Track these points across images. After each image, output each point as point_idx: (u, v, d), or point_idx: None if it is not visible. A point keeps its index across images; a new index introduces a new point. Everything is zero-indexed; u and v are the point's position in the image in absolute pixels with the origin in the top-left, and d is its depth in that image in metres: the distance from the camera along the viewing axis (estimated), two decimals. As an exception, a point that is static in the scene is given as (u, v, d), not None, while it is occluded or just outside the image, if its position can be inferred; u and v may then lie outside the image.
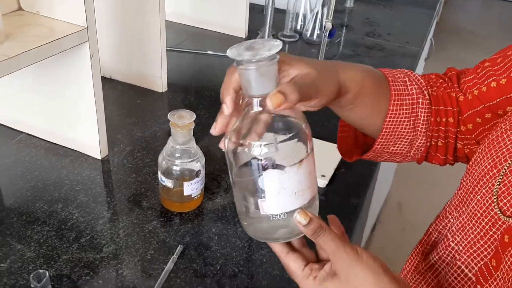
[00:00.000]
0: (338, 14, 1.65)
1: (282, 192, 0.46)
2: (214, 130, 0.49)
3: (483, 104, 0.57)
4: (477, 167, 0.52)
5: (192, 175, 0.74)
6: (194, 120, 0.70)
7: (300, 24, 1.49)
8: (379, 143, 0.60)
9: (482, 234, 0.49)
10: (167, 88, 1.11)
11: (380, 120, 0.59)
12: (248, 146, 0.45)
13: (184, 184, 0.73)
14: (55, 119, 0.87)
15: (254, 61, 0.43)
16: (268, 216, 0.47)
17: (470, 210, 0.51)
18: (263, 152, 0.45)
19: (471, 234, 0.51)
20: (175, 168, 0.73)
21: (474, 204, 0.51)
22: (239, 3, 1.38)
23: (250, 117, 0.46)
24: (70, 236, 0.71)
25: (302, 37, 1.45)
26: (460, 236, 0.52)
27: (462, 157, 0.63)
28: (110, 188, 0.82)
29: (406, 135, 0.60)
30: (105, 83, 0.87)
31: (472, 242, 0.50)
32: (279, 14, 1.47)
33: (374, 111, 0.59)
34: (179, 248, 0.69)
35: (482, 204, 0.49)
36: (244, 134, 0.46)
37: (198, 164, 0.74)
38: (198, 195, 0.76)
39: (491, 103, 0.56)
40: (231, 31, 1.42)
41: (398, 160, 0.64)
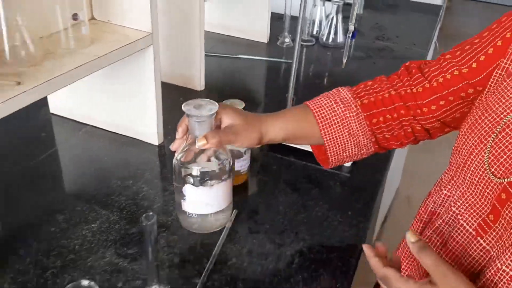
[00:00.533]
0: (347, 20, 1.80)
1: (196, 200, 0.75)
2: (172, 147, 0.74)
3: (447, 90, 0.70)
4: (464, 146, 0.64)
5: (240, 154, 0.89)
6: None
7: (316, 30, 1.64)
8: (331, 156, 0.75)
9: (480, 196, 0.61)
10: (204, 87, 1.26)
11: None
12: (184, 167, 0.73)
13: (235, 160, 0.88)
14: (119, 113, 1.02)
15: (195, 117, 0.69)
16: (185, 212, 0.77)
17: (467, 180, 0.63)
18: (189, 173, 0.73)
19: (471, 198, 0.62)
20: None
21: (469, 174, 0.62)
22: (261, 12, 1.53)
23: (192, 148, 0.71)
24: (144, 204, 0.86)
25: (319, 41, 1.60)
26: (460, 201, 0.64)
27: (423, 135, 0.76)
28: (168, 168, 0.96)
29: (348, 143, 0.74)
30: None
31: (472, 204, 0.62)
32: (296, 21, 1.62)
33: (314, 140, 0.76)
34: (234, 212, 0.84)
35: (476, 173, 0.61)
36: (186, 159, 0.73)
37: (246, 145, 0.88)
38: (245, 171, 0.91)
39: (454, 88, 0.69)
40: (254, 37, 1.58)
41: (357, 158, 0.78)
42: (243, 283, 0.72)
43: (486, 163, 0.59)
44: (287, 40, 1.58)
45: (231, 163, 0.76)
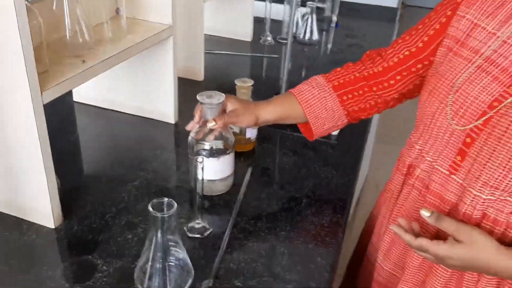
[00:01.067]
0: (319, 22, 2.03)
1: (207, 169, 0.87)
2: (188, 127, 0.92)
3: (401, 67, 0.89)
4: (428, 109, 0.82)
5: (249, 124, 1.08)
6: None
7: (294, 30, 1.85)
8: (315, 129, 0.94)
9: (447, 143, 0.79)
10: (203, 78, 1.45)
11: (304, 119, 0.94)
12: (198, 143, 0.91)
13: (246, 129, 1.07)
14: (140, 97, 1.18)
15: (207, 104, 0.88)
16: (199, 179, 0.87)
17: (434, 134, 0.81)
18: (201, 148, 0.92)
19: (440, 147, 0.81)
20: (239, 119, 1.06)
21: (436, 129, 0.80)
22: (245, 15, 1.74)
23: (203, 129, 0.90)
24: (171, 169, 1.03)
25: (296, 39, 1.82)
26: (432, 151, 0.82)
27: (383, 106, 0.95)
28: (184, 143, 1.14)
29: (327, 118, 0.93)
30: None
31: (442, 151, 0.80)
32: (276, 23, 1.84)
33: (299, 119, 0.94)
34: (250, 169, 1.03)
35: (442, 127, 0.79)
36: (198, 136, 0.92)
37: (254, 116, 1.07)
38: (254, 139, 1.10)
39: (406, 65, 0.89)
40: (239, 36, 1.78)
41: (335, 129, 0.97)
42: (265, 218, 0.91)
43: (449, 118, 0.77)
44: (268, 38, 1.79)
45: (234, 142, 0.95)
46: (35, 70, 0.71)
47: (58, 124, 1.15)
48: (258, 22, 1.83)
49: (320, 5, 2.02)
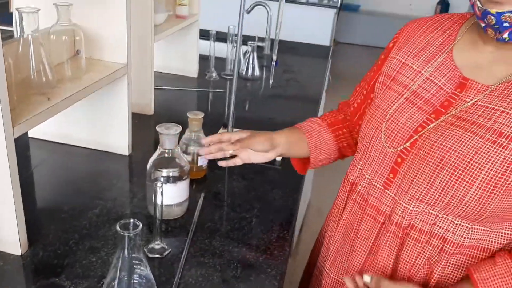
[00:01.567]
0: (260, 59, 2.19)
1: (165, 194, 0.94)
2: (206, 143, 1.02)
3: (358, 112, 1.06)
4: (366, 134, 0.97)
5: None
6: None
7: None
8: (312, 157, 1.08)
9: (381, 163, 0.92)
10: (153, 112, 1.54)
11: (308, 151, 1.08)
12: (156, 170, 1.00)
13: (199, 158, 1.16)
14: (95, 130, 1.25)
15: (165, 135, 0.98)
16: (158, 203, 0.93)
17: (372, 155, 0.95)
18: (159, 176, 1.01)
19: (376, 166, 0.94)
20: (191, 148, 1.16)
21: (373, 151, 0.94)
22: (191, 53, 1.86)
23: (161, 157, 1.01)
24: (128, 197, 1.10)
25: (239, 75, 1.96)
26: (370, 170, 0.95)
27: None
28: (138, 173, 1.22)
29: (323, 149, 1.08)
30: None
31: (378, 170, 0.94)
32: (220, 60, 1.98)
33: (302, 151, 1.08)
34: (202, 194, 1.12)
35: (377, 149, 0.93)
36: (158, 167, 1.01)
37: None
38: (206, 166, 1.20)
39: (362, 107, 1.06)
40: (186, 73, 1.89)
41: (327, 162, 1.13)
42: (219, 237, 1.00)
43: (383, 141, 0.89)
44: (213, 74, 1.92)
45: (188, 170, 1.04)
46: (8, 106, 0.77)
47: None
48: (203, 59, 1.95)
49: (260, 44, 2.19)
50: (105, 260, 0.90)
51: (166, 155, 1.01)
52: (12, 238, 0.87)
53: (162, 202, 0.90)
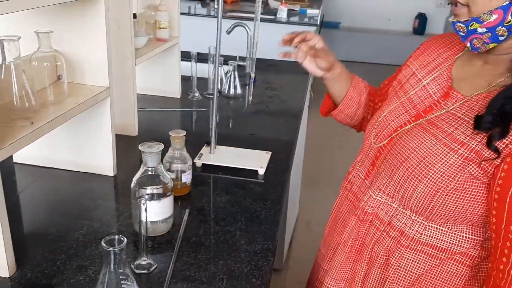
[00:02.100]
0: (241, 78, 2.24)
1: (150, 211, 0.99)
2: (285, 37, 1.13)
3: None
4: (366, 133, 1.08)
5: (184, 170, 1.20)
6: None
7: (219, 86, 2.04)
8: (342, 105, 1.17)
9: (368, 157, 1.04)
10: (137, 133, 1.57)
11: (342, 95, 1.17)
12: (140, 188, 1.02)
13: (182, 175, 1.19)
14: (79, 153, 1.28)
15: (148, 153, 1.01)
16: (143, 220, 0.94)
17: (364, 151, 1.06)
18: (143, 194, 1.03)
19: (364, 160, 1.05)
20: (174, 166, 1.19)
21: (365, 146, 1.06)
22: (173, 75, 1.90)
23: (144, 175, 1.03)
24: (114, 216, 1.12)
25: (222, 93, 2.00)
26: (360, 163, 1.07)
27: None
28: (123, 193, 1.24)
29: (354, 106, 1.17)
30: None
31: (364, 163, 1.05)
32: (202, 80, 2.02)
33: (342, 92, 1.16)
34: (187, 210, 1.14)
35: (367, 145, 1.04)
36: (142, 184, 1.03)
37: (188, 163, 1.21)
38: (189, 183, 1.22)
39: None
40: (169, 94, 1.93)
41: (348, 121, 1.21)
42: (204, 251, 1.02)
43: (372, 138, 1.02)
44: (196, 94, 1.96)
45: (172, 186, 1.07)
46: (-8, 131, 0.80)
47: None
48: (186, 80, 1.99)
49: (241, 63, 2.24)
50: (92, 278, 0.92)
51: (149, 173, 1.03)
52: (-1, 261, 0.88)
53: (146, 218, 0.92)
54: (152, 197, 1.03)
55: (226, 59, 2.11)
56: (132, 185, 1.04)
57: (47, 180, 1.27)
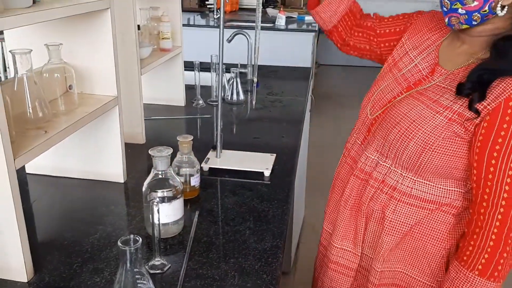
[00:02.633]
0: (243, 84, 2.28)
1: (161, 213, 1.02)
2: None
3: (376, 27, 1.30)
4: (363, 105, 1.19)
5: (192, 173, 1.24)
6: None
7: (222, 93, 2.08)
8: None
9: (364, 126, 1.16)
10: (145, 141, 1.60)
11: None
12: (151, 191, 1.06)
13: (191, 178, 1.22)
14: (90, 161, 1.31)
15: (158, 157, 1.05)
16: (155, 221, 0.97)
17: (360, 120, 1.18)
18: (154, 197, 1.06)
19: (360, 128, 1.18)
20: (183, 170, 1.22)
21: (362, 118, 1.17)
22: (177, 83, 1.94)
23: (155, 178, 1.07)
24: (126, 220, 1.15)
25: (225, 100, 2.03)
26: (356, 132, 1.20)
27: (350, 49, 1.39)
28: (134, 198, 1.27)
29: (333, 6, 1.27)
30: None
31: (360, 131, 1.17)
32: (206, 88, 2.06)
33: None
34: (197, 212, 1.17)
35: (364, 116, 1.16)
36: (153, 188, 1.06)
37: (196, 167, 1.24)
38: (198, 186, 1.26)
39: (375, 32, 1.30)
40: (174, 102, 1.96)
41: (327, 16, 1.29)
42: (215, 250, 1.05)
43: (368, 110, 1.16)
44: (200, 102, 2.00)
45: (182, 189, 1.10)
46: (9, 140, 0.84)
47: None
48: (190, 89, 2.03)
49: (243, 70, 2.28)
50: (108, 279, 0.95)
51: (160, 176, 1.07)
52: (18, 266, 0.91)
53: (159, 219, 0.95)
54: (163, 199, 1.06)
55: (228, 67, 2.15)
56: (143, 189, 1.07)
57: (59, 188, 1.31)
